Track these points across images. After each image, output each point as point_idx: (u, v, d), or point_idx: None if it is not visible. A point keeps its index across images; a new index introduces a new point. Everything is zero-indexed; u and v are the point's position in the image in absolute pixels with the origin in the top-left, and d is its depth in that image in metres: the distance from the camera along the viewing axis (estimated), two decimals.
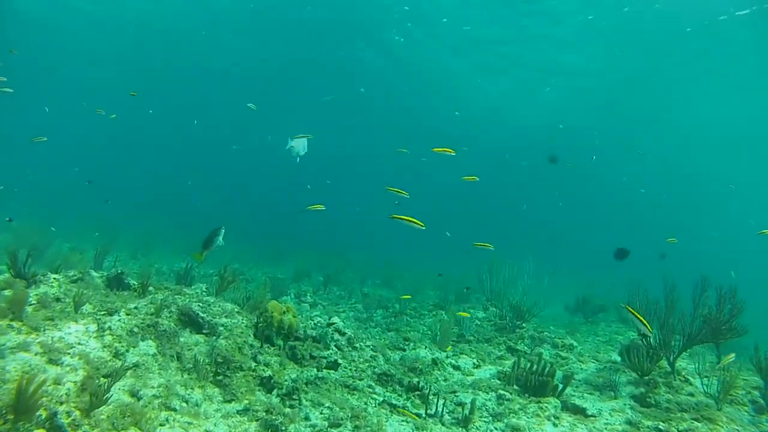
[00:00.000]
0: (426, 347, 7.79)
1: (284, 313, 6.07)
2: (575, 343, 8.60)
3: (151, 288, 6.99)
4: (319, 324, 6.78)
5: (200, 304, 6.38)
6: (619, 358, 8.43)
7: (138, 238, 20.46)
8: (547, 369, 6.15)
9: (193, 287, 7.99)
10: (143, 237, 21.05)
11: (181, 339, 5.64)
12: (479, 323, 9.76)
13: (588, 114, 30.21)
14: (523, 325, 8.80)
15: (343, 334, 6.48)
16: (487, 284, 13.06)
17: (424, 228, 5.80)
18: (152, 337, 5.29)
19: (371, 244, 31.73)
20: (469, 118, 32.09)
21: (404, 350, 7.56)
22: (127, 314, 5.43)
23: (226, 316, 6.32)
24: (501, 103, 31.00)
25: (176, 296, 6.57)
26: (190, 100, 37.42)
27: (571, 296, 14.31)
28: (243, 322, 6.17)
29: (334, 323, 6.57)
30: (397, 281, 17.65)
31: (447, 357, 7.43)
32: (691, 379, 6.87)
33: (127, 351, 4.87)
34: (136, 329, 5.21)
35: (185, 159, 51.86)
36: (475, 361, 7.25)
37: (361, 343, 6.55)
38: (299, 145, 7.91)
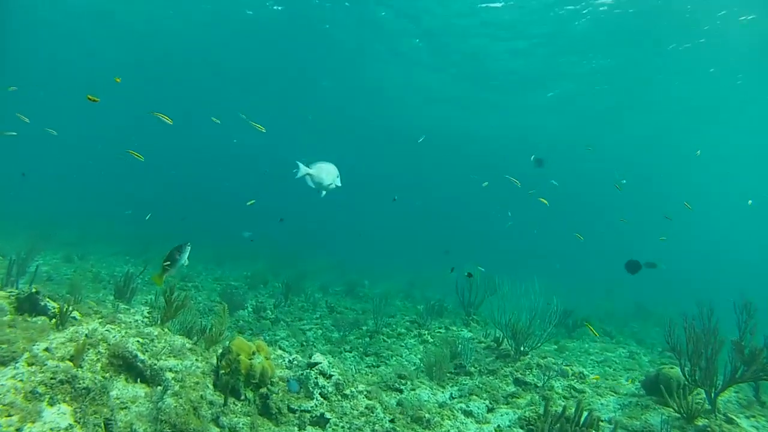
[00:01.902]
0: (426, 386, 6.43)
1: (254, 354, 4.57)
2: (585, 371, 7.51)
3: (75, 313, 5.34)
4: (296, 363, 5.30)
5: (140, 339, 4.81)
6: (629, 385, 7.47)
7: (78, 237, 18.74)
8: (584, 417, 4.95)
9: (131, 310, 6.37)
10: (84, 235, 19.43)
11: (113, 394, 4.08)
12: (469, 345, 8.56)
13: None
14: (529, 352, 7.63)
15: (329, 377, 5.01)
16: (467, 296, 11.93)
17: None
18: (68, 399, 3.69)
19: (326, 246, 30.55)
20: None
21: (401, 391, 6.17)
22: (30, 363, 3.80)
23: (175, 357, 4.77)
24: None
25: (108, 326, 4.97)
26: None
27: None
28: (199, 366, 4.63)
29: (317, 363, 5.07)
30: (359, 289, 16.52)
31: (453, 398, 6.11)
32: (734, 417, 5.91)
33: (21, 428, 3.25)
34: (41, 389, 3.60)
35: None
36: (487, 403, 5.95)
37: (352, 389, 5.10)
38: (325, 175, 5.20)
